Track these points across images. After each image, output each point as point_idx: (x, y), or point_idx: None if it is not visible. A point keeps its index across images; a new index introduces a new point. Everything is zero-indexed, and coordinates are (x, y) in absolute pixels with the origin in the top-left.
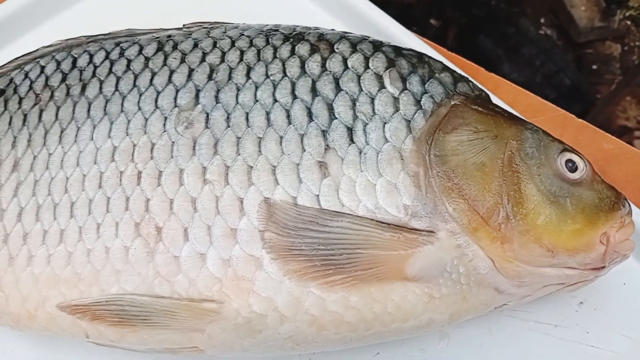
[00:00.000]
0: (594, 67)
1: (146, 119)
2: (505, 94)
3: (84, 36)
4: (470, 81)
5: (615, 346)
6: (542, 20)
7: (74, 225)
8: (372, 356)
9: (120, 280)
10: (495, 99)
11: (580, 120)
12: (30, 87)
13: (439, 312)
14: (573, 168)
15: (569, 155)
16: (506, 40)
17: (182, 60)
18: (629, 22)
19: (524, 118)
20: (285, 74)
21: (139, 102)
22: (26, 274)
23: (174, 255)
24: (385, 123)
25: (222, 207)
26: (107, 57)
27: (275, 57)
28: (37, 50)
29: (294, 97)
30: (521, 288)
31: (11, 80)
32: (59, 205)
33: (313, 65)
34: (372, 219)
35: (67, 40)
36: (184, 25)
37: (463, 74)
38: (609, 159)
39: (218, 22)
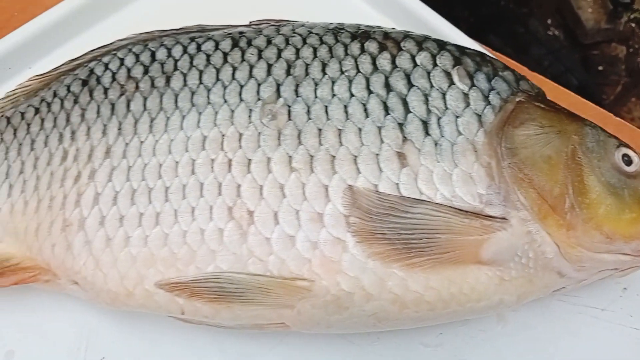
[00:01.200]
0: (600, 68)
1: (232, 111)
2: (547, 93)
3: (157, 31)
4: (529, 80)
5: None
6: (549, 21)
7: (170, 208)
8: (436, 336)
9: (216, 260)
10: None
11: (618, 119)
12: (114, 78)
13: (509, 293)
14: (629, 162)
15: (624, 150)
16: (515, 39)
17: (260, 56)
18: (633, 25)
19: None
20: (358, 70)
21: (224, 94)
22: (124, 253)
23: (266, 237)
24: (457, 117)
25: (308, 193)
26: (185, 51)
27: (347, 54)
28: (113, 43)
29: (369, 91)
30: (580, 272)
31: (92, 71)
32: (154, 189)
33: (384, 62)
34: (450, 206)
35: (140, 34)
36: (250, 22)
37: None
38: None
39: (282, 20)
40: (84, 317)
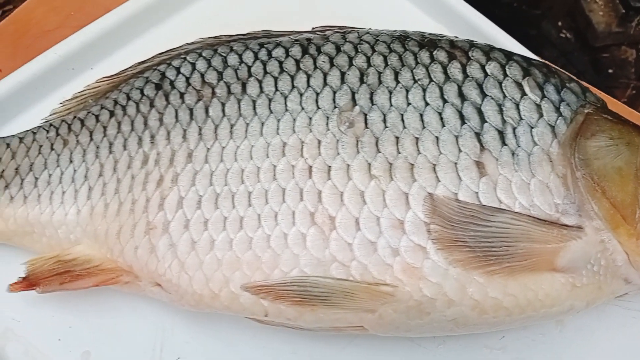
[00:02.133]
0: (610, 71)
1: (310, 118)
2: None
3: (224, 35)
4: (592, 91)
5: None
6: (560, 24)
7: (253, 213)
8: (499, 339)
9: (300, 264)
10: None
11: None
12: (188, 83)
13: (579, 299)
14: None
15: None
16: (528, 41)
17: (332, 64)
18: None
19: None
20: (431, 79)
21: (300, 102)
22: (210, 256)
23: (348, 242)
24: (532, 127)
25: (389, 200)
26: (256, 57)
27: (417, 62)
28: (181, 46)
29: (444, 100)
30: None
31: (163, 74)
32: (237, 194)
33: (455, 71)
34: (529, 215)
35: (207, 38)
36: (313, 28)
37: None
38: None
39: (344, 26)
40: (158, 319)
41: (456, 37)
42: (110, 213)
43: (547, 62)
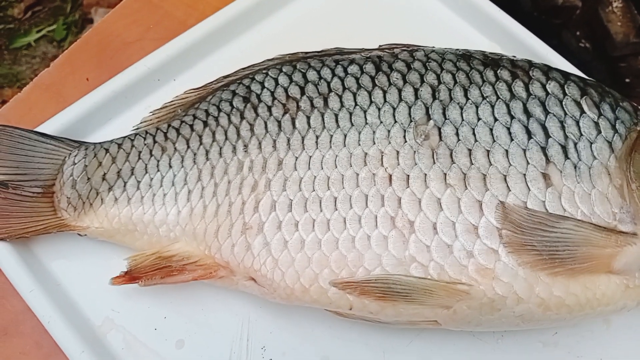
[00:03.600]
0: (627, 80)
1: (388, 131)
2: None
3: (300, 52)
4: None
5: None
6: (578, 33)
7: (338, 216)
8: (552, 335)
9: (382, 263)
10: None
11: None
12: (273, 97)
13: (631, 299)
14: None
15: None
16: None
17: (405, 80)
18: None
19: None
20: (497, 96)
21: (379, 115)
22: (301, 255)
23: (426, 245)
24: (591, 143)
25: (463, 207)
26: (333, 73)
27: (483, 80)
28: (262, 62)
29: (511, 116)
30: None
31: (249, 88)
32: (324, 199)
33: (519, 90)
34: (590, 223)
35: (285, 55)
36: (380, 45)
37: None
38: None
39: (409, 44)
40: (244, 311)
41: (514, 56)
42: (208, 214)
43: (599, 82)
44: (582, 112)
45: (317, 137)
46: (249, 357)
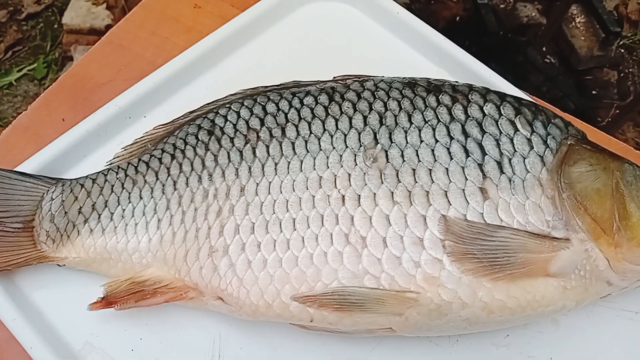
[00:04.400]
0: (594, 92)
1: (340, 156)
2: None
3: (261, 86)
4: (573, 125)
5: None
6: (544, 49)
7: (297, 235)
8: (504, 337)
9: (338, 277)
10: None
11: (638, 151)
12: (235, 129)
13: (569, 299)
14: None
15: None
16: (515, 67)
17: (355, 109)
18: (623, 50)
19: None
20: (438, 120)
21: (332, 142)
22: (263, 273)
23: (377, 258)
24: (524, 158)
25: (410, 222)
26: (290, 105)
27: (426, 105)
28: (225, 97)
29: (451, 137)
30: (624, 281)
31: (213, 122)
32: (283, 220)
33: (458, 113)
34: (525, 231)
35: (246, 90)
36: (334, 77)
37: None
38: None
39: (361, 75)
40: (215, 329)
41: (457, 81)
42: (177, 240)
43: (534, 101)
44: (516, 130)
45: (275, 164)
46: None
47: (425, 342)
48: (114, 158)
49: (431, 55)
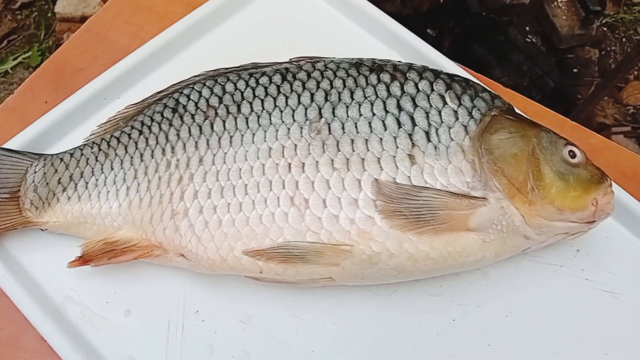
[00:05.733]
0: (575, 70)
1: (289, 129)
2: (518, 104)
3: (222, 68)
4: (501, 98)
5: (602, 279)
6: (528, 29)
7: (249, 199)
8: (437, 287)
9: (284, 233)
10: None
11: (573, 122)
12: (196, 106)
13: (489, 251)
14: (573, 155)
15: (570, 147)
16: (496, 47)
17: (304, 87)
18: (605, 29)
19: (539, 123)
20: (377, 96)
21: (281, 117)
22: (219, 232)
23: (318, 217)
24: (450, 128)
25: (347, 185)
26: (247, 84)
27: (367, 83)
28: (190, 78)
29: (386, 111)
30: (540, 235)
31: (177, 101)
32: (237, 186)
33: (395, 89)
34: (447, 191)
35: (209, 71)
36: (290, 59)
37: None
38: (595, 151)
39: (314, 57)
40: (180, 283)
41: (400, 61)
42: (144, 205)
43: (468, 78)
44: (445, 103)
45: (230, 137)
46: (184, 320)
47: (366, 292)
48: (90, 135)
49: (383, 37)
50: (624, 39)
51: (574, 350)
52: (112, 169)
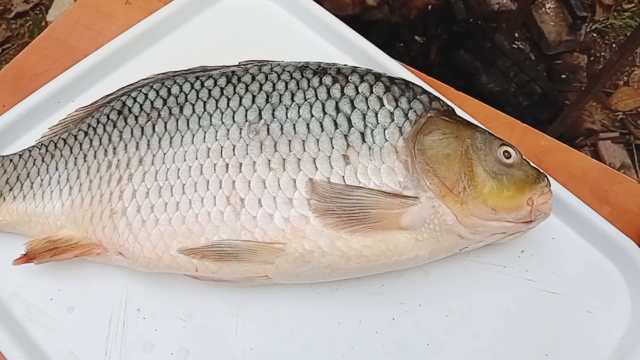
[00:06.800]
0: (563, 76)
1: (228, 130)
2: (469, 107)
3: (171, 71)
4: (441, 100)
5: (546, 280)
6: (517, 35)
7: (185, 199)
8: (379, 287)
9: (219, 232)
10: (460, 111)
11: (524, 124)
12: (141, 109)
13: (422, 250)
14: (508, 156)
15: (505, 148)
16: (483, 53)
17: (247, 90)
18: (595, 35)
19: (476, 123)
20: (317, 98)
21: (221, 118)
22: (155, 231)
23: (253, 216)
24: (385, 129)
25: (282, 185)
26: (192, 87)
27: (309, 86)
28: (138, 81)
29: (324, 113)
30: (476, 235)
31: (124, 103)
32: (174, 186)
33: (335, 92)
34: (379, 190)
35: (158, 74)
36: (239, 63)
37: (436, 94)
38: (545, 152)
39: (264, 60)
40: (123, 281)
41: (345, 64)
42: (85, 204)
43: (408, 80)
44: (382, 105)
45: (171, 138)
46: (126, 318)
47: (307, 291)
48: (41, 137)
49: (335, 41)
50: (613, 45)
51: (515, 350)
52: (56, 169)
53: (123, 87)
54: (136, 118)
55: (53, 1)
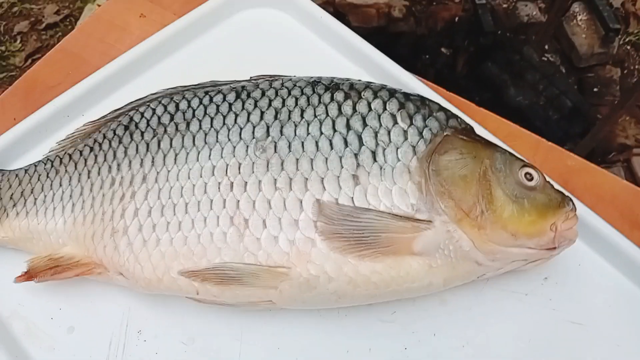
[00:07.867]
0: (595, 89)
1: (234, 147)
2: (491, 124)
3: (180, 86)
4: (459, 117)
5: (571, 310)
6: (547, 47)
7: (188, 218)
8: (391, 314)
9: (221, 254)
10: (481, 129)
11: (549, 143)
12: (148, 124)
13: (436, 277)
14: (530, 178)
15: (527, 169)
16: (511, 66)
17: (255, 105)
18: (628, 47)
19: (497, 142)
20: (327, 114)
21: (228, 135)
22: (156, 251)
23: (257, 238)
24: (397, 148)
25: (288, 205)
26: (200, 102)
27: (320, 102)
28: (147, 96)
29: (334, 130)
30: (495, 262)
31: (131, 118)
32: (177, 205)
33: (347, 108)
34: (390, 213)
35: (167, 89)
36: (251, 77)
37: (456, 110)
38: (572, 173)
39: (275, 75)
40: (125, 301)
41: (359, 80)
42: (87, 222)
43: (425, 96)
44: (395, 123)
45: (176, 155)
46: (126, 340)
47: (314, 316)
48: (48, 152)
49: (350, 55)
50: None
51: None
52: (60, 185)
53: (132, 102)
54: (142, 134)
55: (82, 12)
